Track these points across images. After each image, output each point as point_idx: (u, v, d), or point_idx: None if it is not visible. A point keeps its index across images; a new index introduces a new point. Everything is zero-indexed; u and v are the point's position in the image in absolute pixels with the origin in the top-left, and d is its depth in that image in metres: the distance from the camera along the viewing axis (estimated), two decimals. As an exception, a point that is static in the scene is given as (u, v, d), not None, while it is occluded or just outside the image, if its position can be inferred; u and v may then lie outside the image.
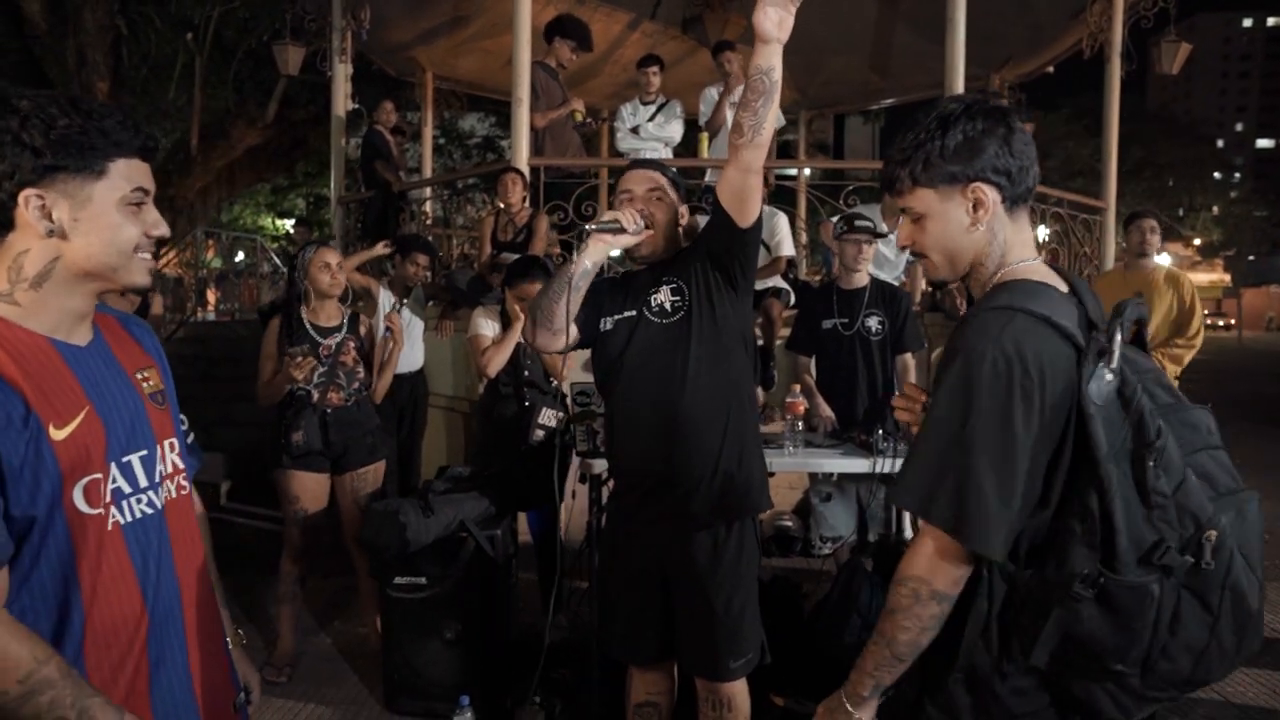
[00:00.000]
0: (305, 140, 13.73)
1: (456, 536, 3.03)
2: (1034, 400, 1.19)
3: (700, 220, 2.32)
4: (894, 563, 3.21)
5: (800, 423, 3.28)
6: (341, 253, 3.56)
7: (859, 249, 3.85)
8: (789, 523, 5.00)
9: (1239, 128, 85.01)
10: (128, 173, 1.19)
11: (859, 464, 3.07)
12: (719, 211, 2.11)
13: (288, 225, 20.68)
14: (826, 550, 4.34)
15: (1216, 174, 45.19)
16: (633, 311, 2.17)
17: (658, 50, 7.22)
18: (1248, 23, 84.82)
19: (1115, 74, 6.80)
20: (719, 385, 2.15)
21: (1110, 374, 1.20)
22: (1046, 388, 1.20)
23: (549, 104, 5.71)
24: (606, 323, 2.20)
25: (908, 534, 3.58)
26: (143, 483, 1.24)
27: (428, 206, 7.69)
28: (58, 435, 1.13)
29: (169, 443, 1.32)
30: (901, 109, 11.11)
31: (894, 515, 3.66)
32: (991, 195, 1.32)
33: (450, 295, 5.28)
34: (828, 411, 3.69)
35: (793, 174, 8.83)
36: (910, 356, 3.92)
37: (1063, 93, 19.73)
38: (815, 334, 3.95)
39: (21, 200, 1.13)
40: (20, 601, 1.12)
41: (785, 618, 3.17)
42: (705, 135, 6.18)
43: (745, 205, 2.05)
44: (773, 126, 1.99)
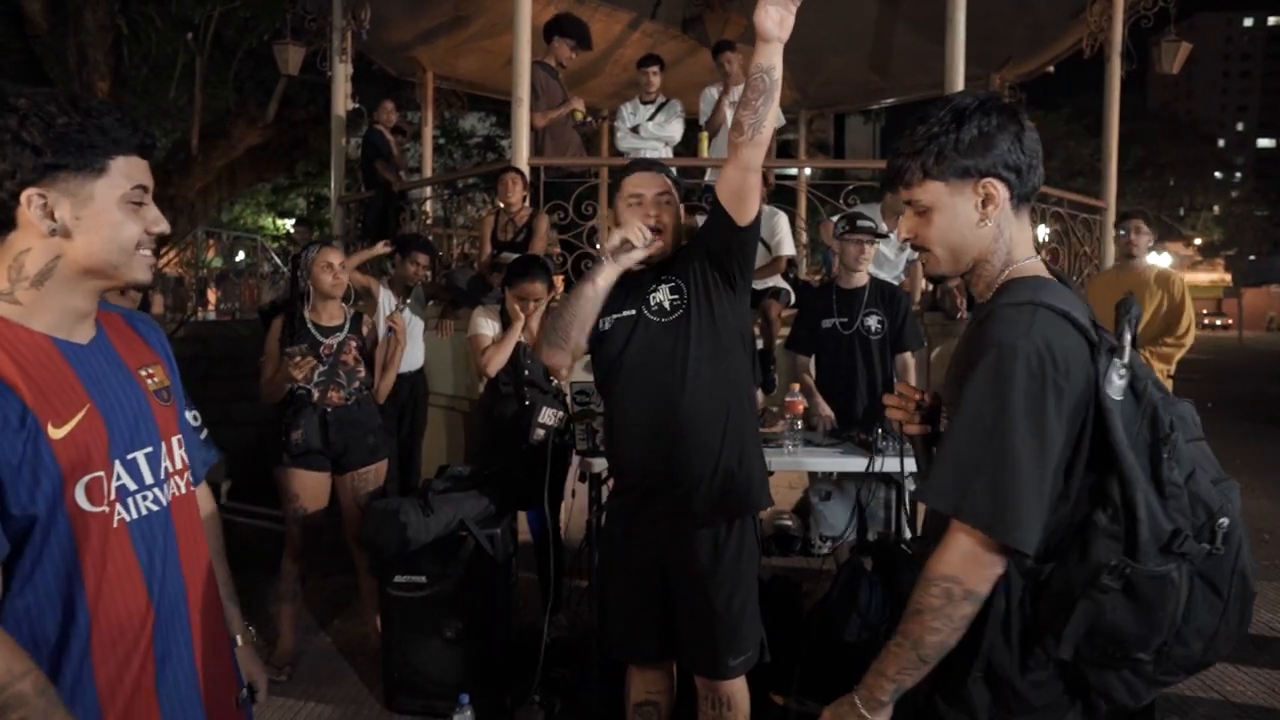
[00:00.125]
0: (306, 140, 13.74)
1: (456, 535, 3.03)
2: (1063, 394, 1.21)
3: (699, 220, 2.32)
4: (893, 562, 3.20)
5: (800, 422, 3.28)
6: (343, 252, 3.56)
7: (861, 249, 3.86)
8: (789, 522, 5.01)
9: (1240, 127, 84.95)
10: (128, 170, 1.19)
11: (858, 463, 3.08)
12: (718, 210, 2.12)
13: (288, 225, 20.68)
14: (826, 549, 4.35)
15: (1217, 174, 45.17)
16: (631, 311, 2.17)
17: (658, 50, 7.23)
18: (1248, 22, 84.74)
19: (1115, 74, 6.80)
20: (719, 384, 2.15)
21: (1124, 369, 1.23)
22: (1071, 382, 1.22)
23: (549, 103, 5.71)
24: (605, 323, 2.20)
25: (907, 533, 3.58)
26: (148, 479, 1.24)
27: (428, 206, 7.69)
28: (56, 434, 1.13)
29: (175, 439, 1.32)
30: (902, 109, 11.11)
31: (893, 514, 3.66)
32: (1002, 191, 1.32)
33: (450, 295, 5.28)
34: (827, 411, 3.69)
35: (793, 173, 8.85)
36: (910, 356, 3.93)
37: (1063, 92, 19.71)
38: (815, 333, 3.96)
39: (23, 199, 1.13)
40: (25, 598, 1.12)
41: (785, 617, 3.17)
42: (705, 135, 6.19)
43: (744, 203, 2.06)
44: (772, 125, 2.00)
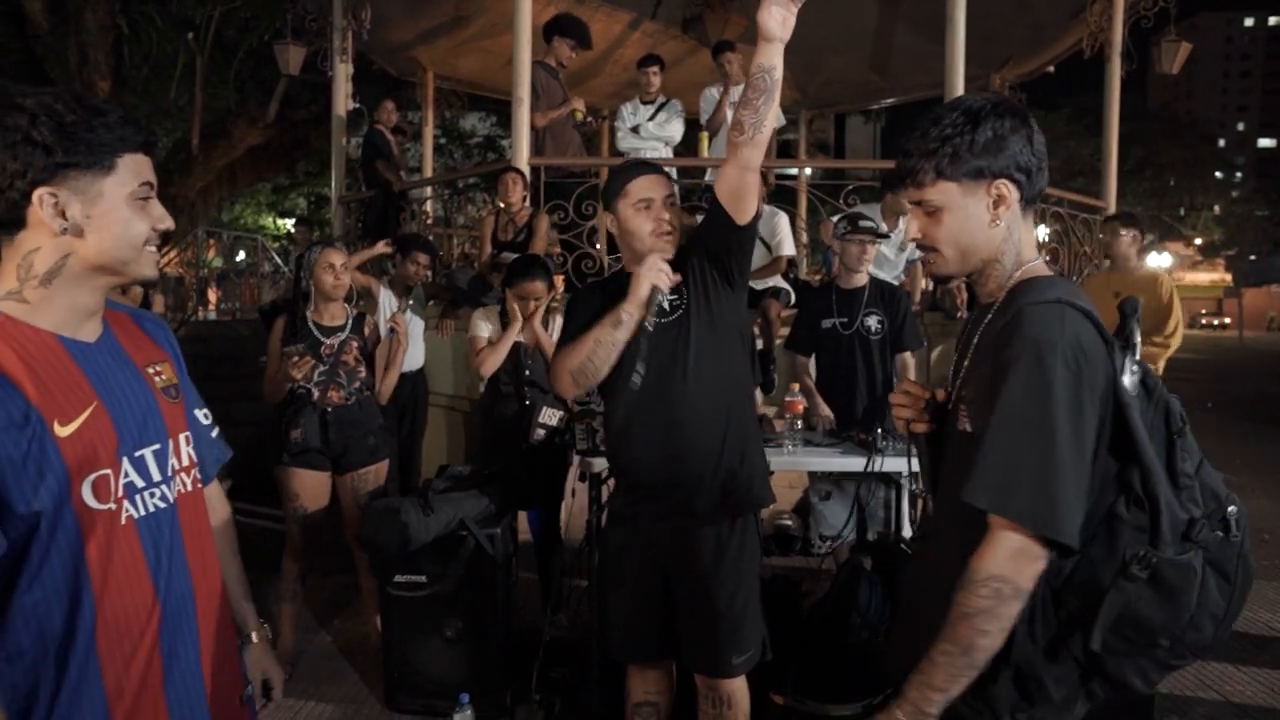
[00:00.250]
0: (306, 140, 13.75)
1: (456, 535, 3.03)
2: (1095, 390, 1.24)
3: (699, 219, 2.32)
4: (893, 561, 3.19)
5: (799, 422, 3.28)
6: (346, 253, 3.56)
7: (863, 249, 3.85)
8: (788, 522, 5.01)
9: (1240, 127, 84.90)
10: (134, 167, 1.20)
11: (858, 463, 3.08)
12: (717, 209, 2.12)
13: (289, 225, 20.69)
14: (826, 549, 4.35)
15: (1218, 173, 45.07)
16: None
17: (658, 50, 7.23)
18: (1249, 22, 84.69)
19: (1115, 74, 6.80)
20: (720, 382, 2.16)
21: (1136, 366, 1.27)
22: (1099, 378, 1.25)
23: (549, 103, 5.72)
24: None
25: (907, 532, 3.58)
26: (156, 476, 1.25)
27: (428, 206, 7.70)
28: (62, 432, 1.13)
29: (183, 436, 1.32)
30: (902, 109, 11.12)
31: (893, 514, 3.66)
32: (1013, 192, 1.34)
33: (450, 294, 5.29)
34: (826, 411, 3.70)
35: (793, 173, 8.85)
36: (909, 355, 3.93)
37: (1063, 92, 19.72)
38: (815, 333, 3.96)
39: (35, 199, 1.13)
40: (33, 594, 1.12)
41: (784, 616, 3.17)
42: (705, 135, 6.19)
43: (743, 202, 2.07)
44: (772, 125, 2.01)
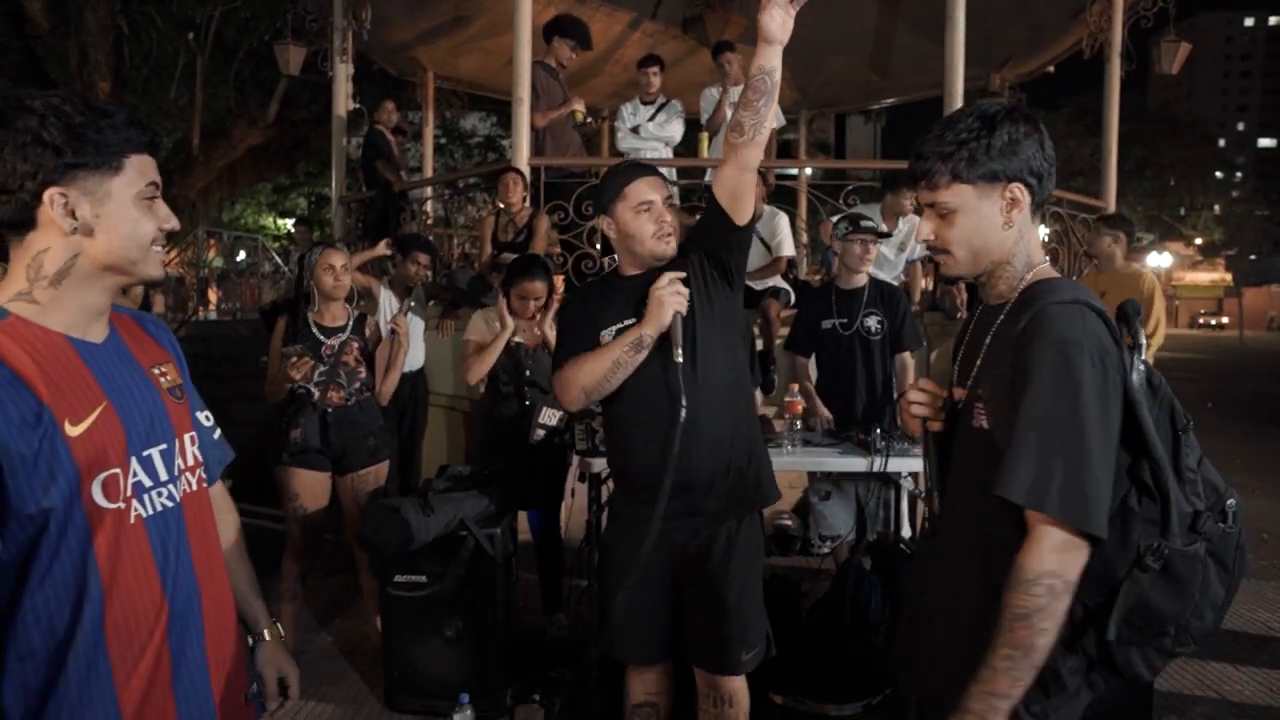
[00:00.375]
0: (306, 140, 13.77)
1: (456, 535, 3.04)
2: (1117, 387, 1.28)
3: (697, 219, 2.32)
4: (893, 562, 3.19)
5: (799, 422, 3.29)
6: (347, 253, 3.55)
7: (865, 249, 3.85)
8: (788, 522, 5.01)
9: (1240, 127, 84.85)
10: (141, 168, 1.21)
11: (857, 463, 3.08)
12: (716, 209, 2.12)
13: (289, 225, 20.71)
14: (825, 549, 4.35)
15: (1218, 173, 45.05)
16: (633, 319, 2.14)
17: (658, 50, 7.24)
18: (1249, 22, 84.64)
19: (1115, 74, 6.81)
20: (724, 380, 2.16)
21: (1142, 365, 1.32)
22: (1119, 376, 1.29)
23: (549, 104, 5.72)
24: (608, 334, 2.16)
25: (906, 532, 3.59)
26: (163, 476, 1.26)
27: (428, 206, 7.70)
28: (73, 431, 1.14)
29: (189, 436, 1.34)
30: (902, 109, 11.13)
31: (892, 514, 3.67)
32: (1025, 196, 1.38)
33: (451, 295, 5.29)
34: (825, 412, 3.70)
35: (793, 173, 8.85)
36: (909, 355, 3.94)
37: (1063, 92, 19.72)
38: (814, 334, 3.96)
39: (46, 199, 1.14)
40: (44, 592, 1.13)
41: (784, 616, 3.17)
42: (705, 135, 6.19)
43: (742, 203, 2.09)
44: (771, 125, 2.04)
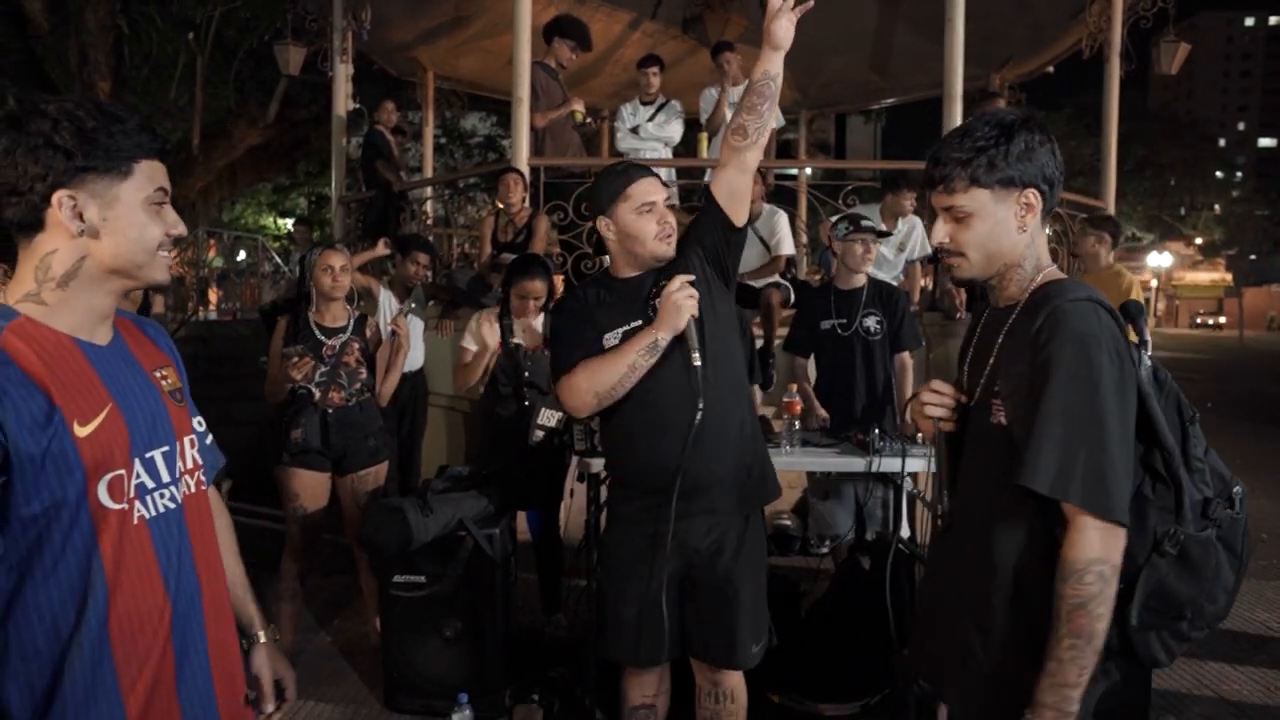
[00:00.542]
0: (306, 140, 13.78)
1: (455, 535, 3.04)
2: (1133, 380, 1.34)
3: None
4: (892, 561, 3.18)
5: (798, 422, 3.29)
6: (347, 254, 3.54)
7: (866, 248, 3.84)
8: (787, 522, 5.01)
9: (1241, 127, 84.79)
10: (150, 173, 1.23)
11: (857, 463, 3.08)
12: (715, 210, 2.14)
13: (289, 225, 20.71)
14: (824, 549, 4.36)
15: (1218, 173, 45.08)
16: (638, 321, 2.12)
17: (658, 50, 7.24)
18: (1249, 22, 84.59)
19: (1114, 74, 6.81)
20: (730, 380, 2.17)
21: (1149, 360, 1.37)
22: (1133, 369, 1.34)
23: (549, 104, 5.72)
24: (611, 338, 2.14)
25: (905, 532, 3.59)
26: (165, 478, 1.27)
27: (428, 206, 7.70)
28: (81, 432, 1.15)
29: (189, 439, 1.35)
30: (902, 109, 11.13)
31: (891, 514, 3.67)
32: (1039, 202, 1.43)
33: (450, 295, 5.30)
34: (822, 412, 3.71)
35: (793, 173, 8.85)
36: (908, 355, 3.94)
37: (1063, 92, 19.73)
38: (814, 334, 3.96)
39: (55, 201, 1.16)
40: (48, 593, 1.14)
41: (783, 616, 3.17)
42: (704, 135, 6.19)
43: (742, 204, 2.15)
44: (772, 126, 2.09)
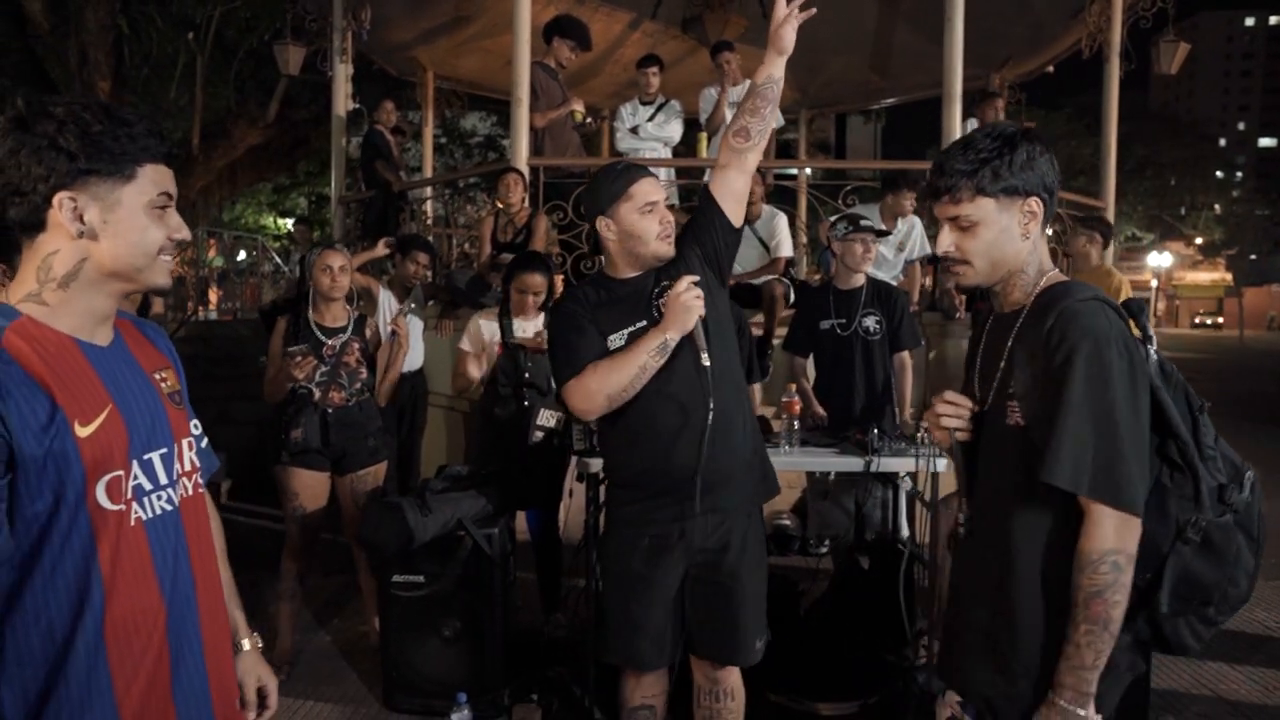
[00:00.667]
0: (306, 140, 13.78)
1: (454, 535, 3.04)
2: (1144, 375, 1.38)
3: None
4: (890, 561, 3.19)
5: (797, 422, 3.29)
6: (347, 254, 3.55)
7: (866, 248, 3.85)
8: (787, 521, 5.01)
9: (1241, 126, 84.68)
10: (155, 177, 1.23)
11: (856, 463, 3.09)
12: (715, 211, 2.16)
13: (289, 224, 20.72)
14: (824, 549, 4.36)
15: (1219, 173, 45.06)
16: (643, 322, 2.12)
17: (658, 50, 7.24)
18: (1250, 21, 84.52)
19: (1114, 74, 6.81)
20: (733, 378, 2.19)
21: (1155, 354, 1.42)
22: (1143, 364, 1.39)
23: (549, 104, 5.72)
24: (616, 339, 2.13)
25: (904, 532, 3.59)
26: (162, 480, 1.27)
27: (428, 206, 7.70)
28: (82, 432, 1.15)
29: (186, 441, 1.35)
30: (902, 109, 11.12)
31: (890, 514, 3.67)
32: (1041, 209, 1.48)
33: (450, 295, 5.30)
34: (819, 410, 3.72)
35: (793, 173, 8.85)
36: (907, 355, 3.94)
37: (1064, 92, 19.73)
38: (813, 334, 3.97)
39: (56, 202, 1.16)
40: (45, 595, 1.14)
41: (782, 616, 3.18)
42: (704, 135, 6.20)
43: (742, 205, 2.20)
44: (772, 126, 2.15)
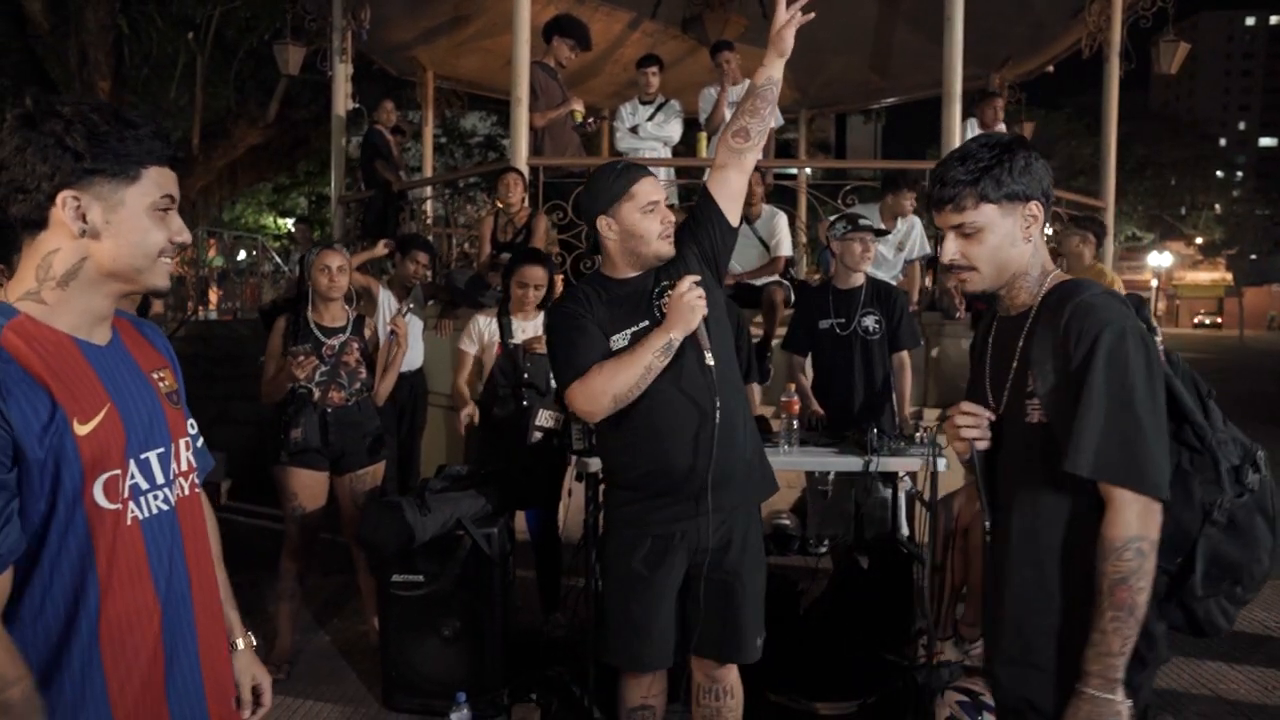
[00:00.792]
0: (306, 139, 13.78)
1: (454, 535, 3.04)
2: (1159, 364, 1.42)
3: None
4: (890, 560, 3.19)
5: (796, 421, 3.29)
6: (346, 254, 3.55)
7: (865, 247, 3.85)
8: (786, 521, 5.01)
9: (1241, 126, 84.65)
10: (158, 179, 1.23)
11: (855, 463, 3.09)
12: (715, 211, 2.16)
13: (289, 224, 20.73)
14: (823, 549, 4.36)
15: (1219, 173, 45.04)
16: (645, 322, 2.12)
17: (658, 50, 7.24)
18: (1250, 21, 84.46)
19: (1114, 74, 6.81)
20: (733, 377, 2.20)
21: (1161, 345, 1.45)
22: (1157, 353, 1.42)
23: (548, 104, 5.72)
24: (619, 339, 2.13)
25: (904, 531, 3.59)
26: (159, 479, 1.27)
27: (428, 206, 7.70)
28: (81, 431, 1.16)
29: (184, 441, 1.35)
30: (902, 109, 11.12)
31: (889, 514, 3.67)
32: (1041, 212, 1.53)
33: (449, 294, 5.30)
34: (818, 408, 3.72)
35: (793, 173, 8.85)
36: (907, 354, 3.95)
37: (1064, 92, 19.72)
38: (812, 333, 3.97)
39: (59, 200, 1.16)
40: (41, 592, 1.14)
41: (781, 615, 3.18)
42: (704, 134, 6.19)
43: (740, 204, 2.21)
44: (771, 126, 2.16)
